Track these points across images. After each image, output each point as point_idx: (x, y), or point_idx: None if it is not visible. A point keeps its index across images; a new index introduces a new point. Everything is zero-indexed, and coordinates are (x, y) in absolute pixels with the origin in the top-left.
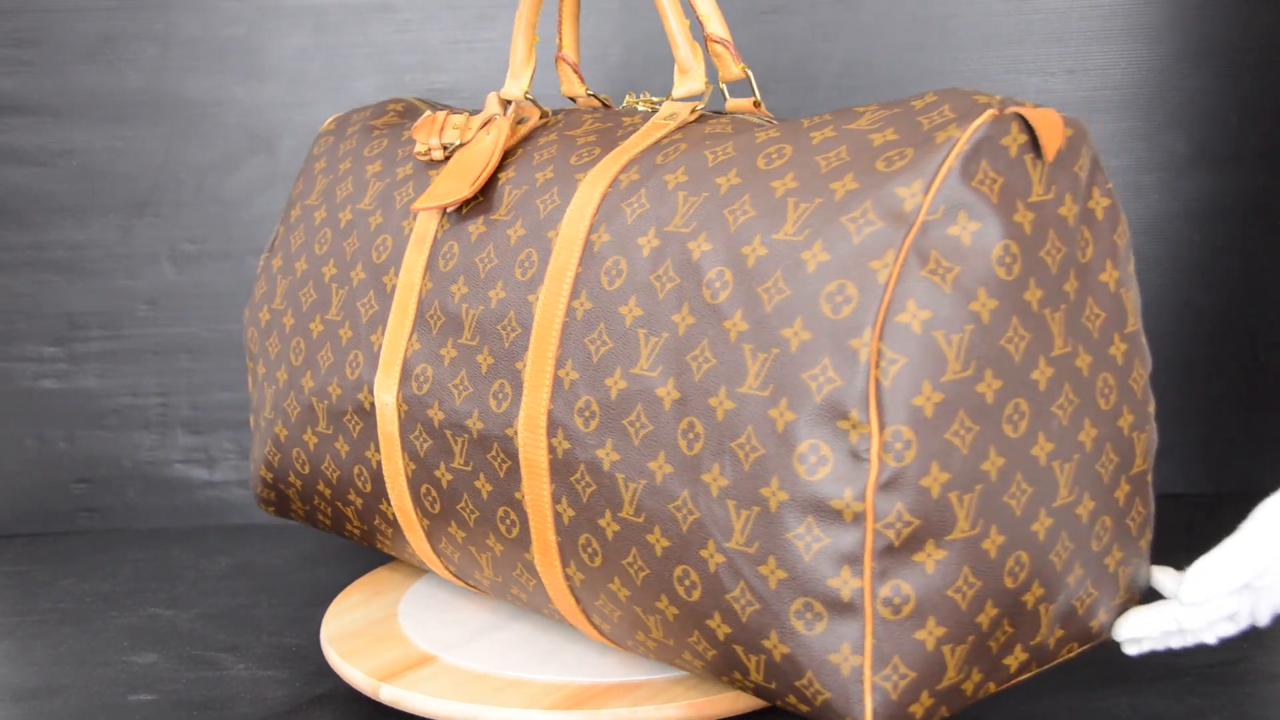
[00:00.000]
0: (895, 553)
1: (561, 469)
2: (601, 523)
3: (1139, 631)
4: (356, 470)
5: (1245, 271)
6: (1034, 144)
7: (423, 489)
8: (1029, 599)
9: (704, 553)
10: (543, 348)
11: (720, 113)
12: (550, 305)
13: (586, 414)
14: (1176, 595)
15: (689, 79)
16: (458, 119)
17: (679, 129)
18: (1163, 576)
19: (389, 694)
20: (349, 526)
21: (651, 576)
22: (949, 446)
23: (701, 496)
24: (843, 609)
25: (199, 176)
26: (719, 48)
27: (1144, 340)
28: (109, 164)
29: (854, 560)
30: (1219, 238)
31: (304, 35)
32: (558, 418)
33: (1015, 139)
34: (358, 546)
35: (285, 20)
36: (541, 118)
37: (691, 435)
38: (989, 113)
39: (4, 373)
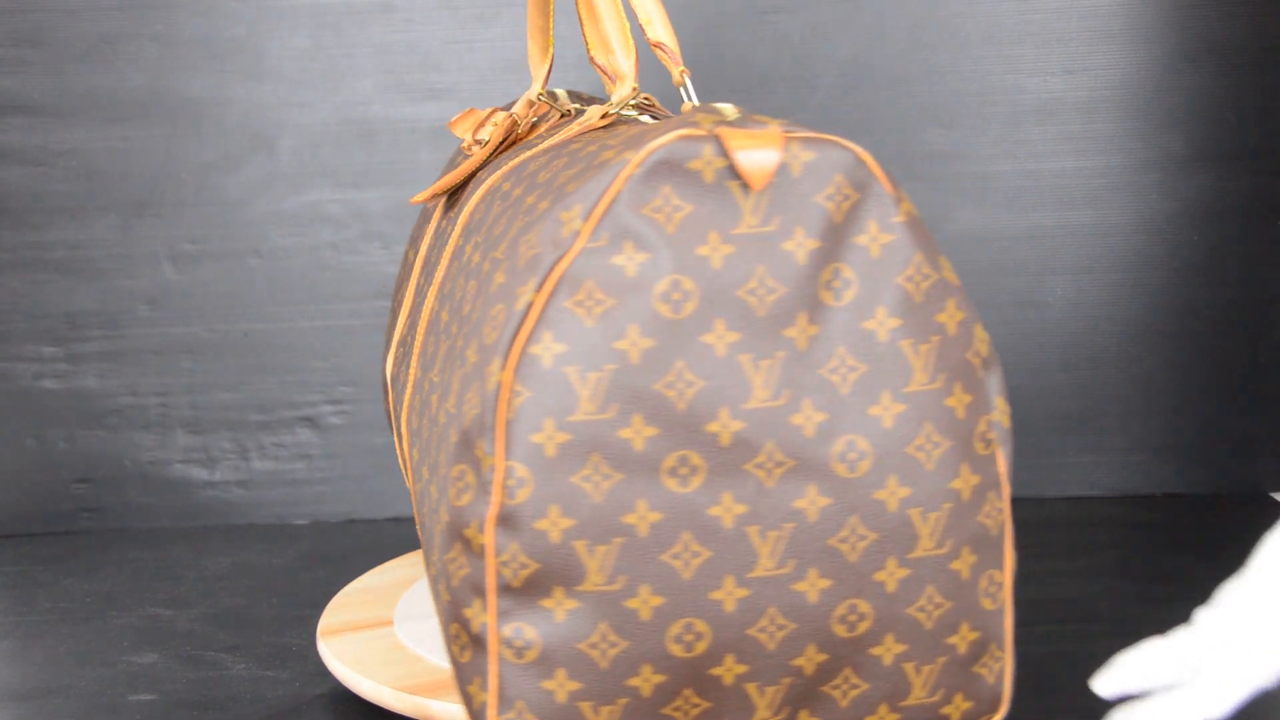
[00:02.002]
0: (516, 594)
1: (406, 464)
2: (418, 517)
3: (1132, 681)
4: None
5: (1245, 271)
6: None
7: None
8: (723, 674)
9: (430, 560)
10: (417, 346)
11: (650, 114)
12: (428, 306)
13: (415, 413)
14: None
15: (621, 84)
16: (500, 116)
17: (581, 133)
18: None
19: (321, 647)
20: None
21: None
22: (576, 491)
23: (429, 505)
24: (476, 642)
25: (199, 176)
26: (661, 52)
27: (958, 402)
28: (109, 164)
29: (483, 594)
30: (1219, 238)
31: (304, 35)
32: (410, 415)
33: (710, 163)
34: (359, 546)
35: (285, 20)
36: (562, 118)
37: (434, 444)
38: (672, 134)
39: (4, 373)
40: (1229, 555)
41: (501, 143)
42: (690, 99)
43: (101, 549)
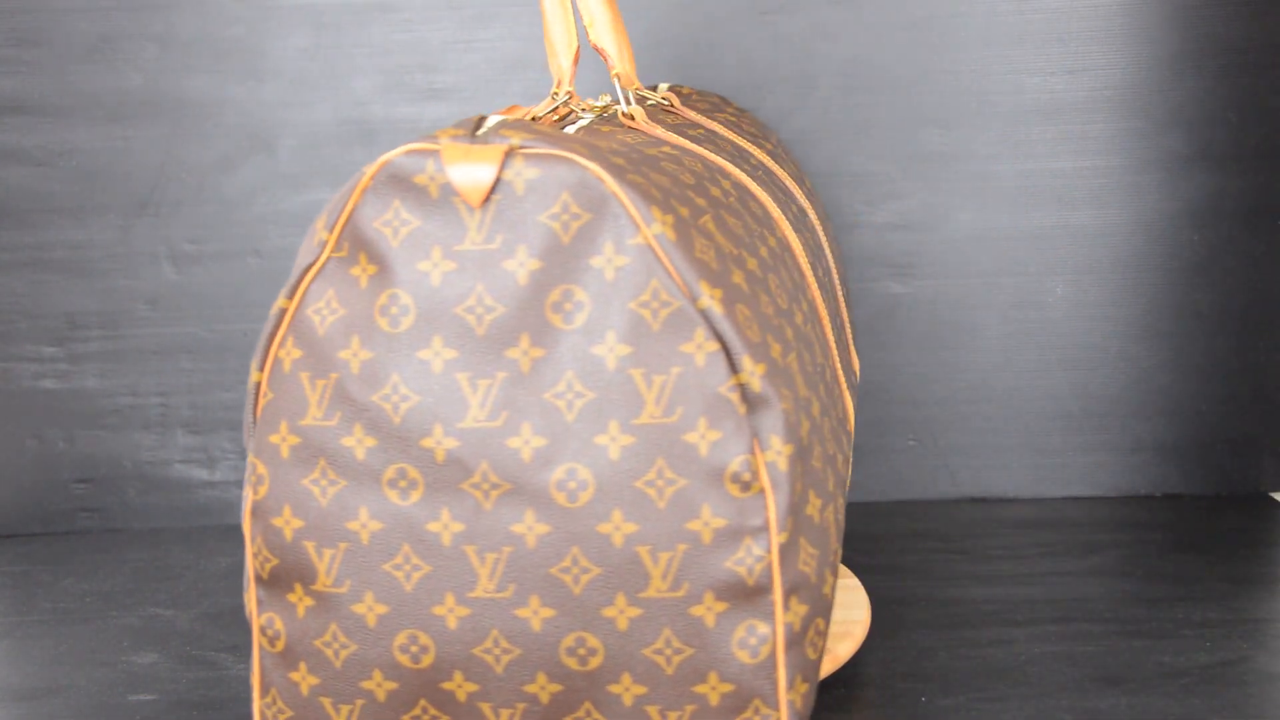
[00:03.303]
0: (266, 585)
1: None
2: None
3: None
4: None
5: (1245, 271)
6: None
7: None
8: (455, 690)
9: None
10: None
11: (589, 118)
12: None
13: None
14: None
15: (559, 87)
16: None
17: None
18: None
19: None
20: None
21: None
22: (306, 493)
23: None
24: (249, 627)
25: (199, 176)
26: (603, 57)
27: (701, 439)
28: (109, 164)
29: (249, 582)
30: (1219, 238)
31: (304, 35)
32: None
33: (434, 178)
34: None
35: (285, 20)
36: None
37: None
38: (402, 148)
39: (4, 373)
40: (1229, 555)
41: None
42: (622, 103)
43: (101, 549)
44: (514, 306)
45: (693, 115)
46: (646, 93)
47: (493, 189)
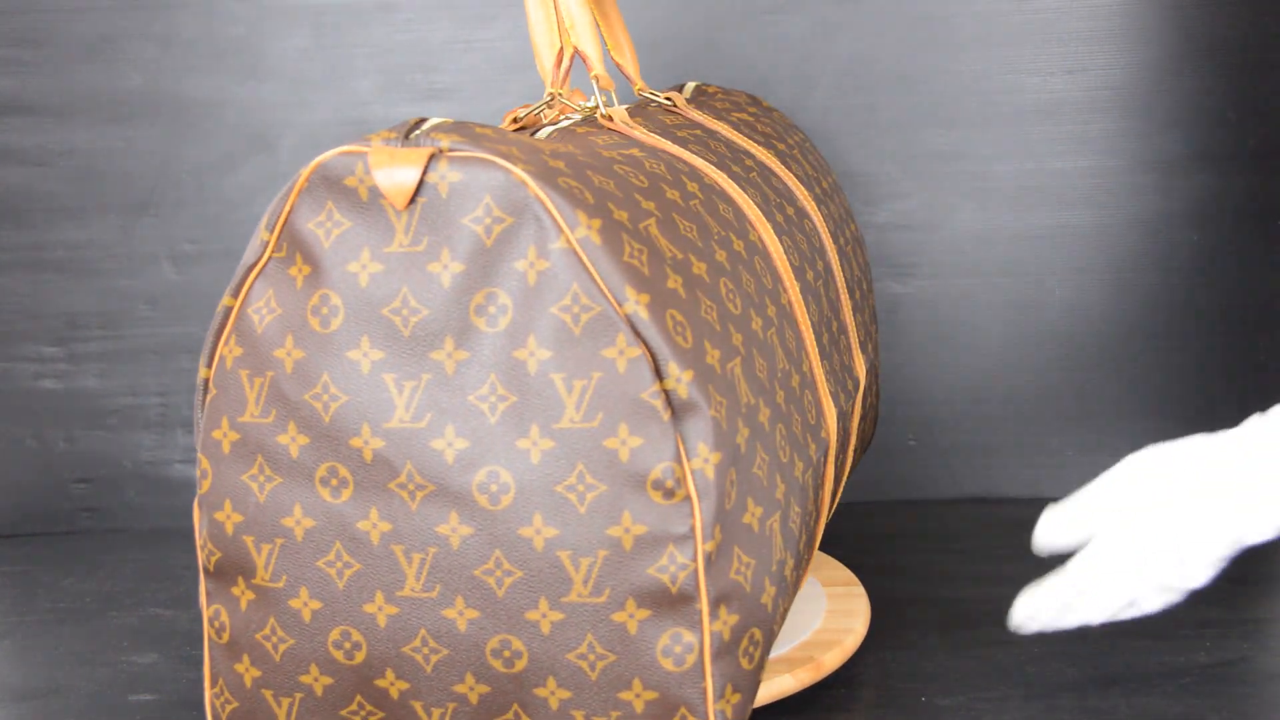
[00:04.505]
0: (212, 577)
1: None
2: None
3: (1033, 609)
4: None
5: (1244, 271)
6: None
7: None
8: (387, 686)
9: None
10: None
11: (575, 120)
12: None
13: None
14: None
15: (546, 89)
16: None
17: None
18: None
19: None
20: None
21: None
22: (244, 488)
23: None
24: (201, 618)
25: (199, 176)
26: (582, 59)
27: (621, 445)
28: (109, 164)
29: (200, 572)
30: (1218, 238)
31: (304, 35)
32: None
33: (363, 180)
34: None
35: (285, 20)
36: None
37: None
38: (335, 150)
39: (4, 373)
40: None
41: None
42: (599, 104)
43: (101, 549)
44: (438, 309)
45: (696, 115)
46: (651, 93)
47: (417, 192)
